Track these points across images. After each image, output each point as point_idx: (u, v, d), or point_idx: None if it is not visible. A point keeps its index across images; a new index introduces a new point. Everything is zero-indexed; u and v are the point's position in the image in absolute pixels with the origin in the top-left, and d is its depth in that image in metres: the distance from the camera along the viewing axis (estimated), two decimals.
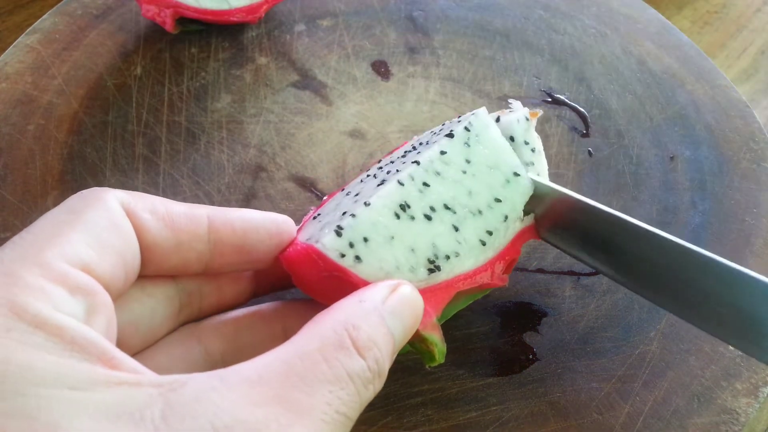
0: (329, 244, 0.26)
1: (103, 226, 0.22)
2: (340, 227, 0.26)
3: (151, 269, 0.25)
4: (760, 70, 0.60)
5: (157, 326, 0.26)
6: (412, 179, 0.28)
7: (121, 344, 0.23)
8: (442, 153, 0.29)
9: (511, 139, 0.32)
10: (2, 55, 0.46)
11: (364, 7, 0.51)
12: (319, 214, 0.30)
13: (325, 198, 0.33)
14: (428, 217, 0.28)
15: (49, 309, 0.19)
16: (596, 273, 0.37)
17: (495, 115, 0.33)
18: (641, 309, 0.35)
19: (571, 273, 0.37)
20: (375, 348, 0.22)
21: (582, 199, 0.30)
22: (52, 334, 0.18)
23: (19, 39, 0.47)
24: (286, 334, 0.28)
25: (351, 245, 0.26)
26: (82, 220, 0.22)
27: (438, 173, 0.29)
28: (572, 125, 0.44)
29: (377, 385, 0.22)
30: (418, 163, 0.29)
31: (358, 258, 0.26)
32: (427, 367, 0.28)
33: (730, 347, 0.34)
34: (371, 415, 0.31)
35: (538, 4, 0.52)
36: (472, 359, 0.33)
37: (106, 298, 0.21)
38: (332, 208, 0.30)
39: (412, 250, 0.27)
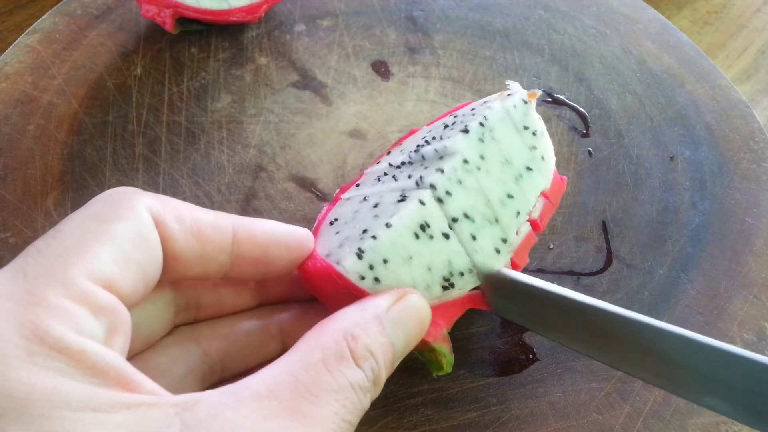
0: (350, 267, 0.26)
1: (131, 239, 0.22)
2: (361, 250, 0.26)
3: (172, 276, 0.25)
4: (760, 70, 0.60)
5: (157, 330, 0.26)
6: (433, 195, 0.28)
7: None
8: (465, 162, 0.29)
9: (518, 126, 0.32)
10: (2, 55, 0.46)
11: (364, 7, 0.51)
12: (336, 219, 0.30)
13: (337, 192, 0.33)
14: (446, 236, 0.28)
15: (71, 333, 0.19)
16: (597, 273, 0.37)
17: (494, 97, 0.32)
18: (641, 309, 0.35)
19: (572, 273, 0.37)
20: (371, 358, 0.22)
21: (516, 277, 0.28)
22: (74, 359, 0.18)
23: (19, 39, 0.47)
24: (282, 335, 0.28)
25: (371, 267, 0.26)
26: (110, 232, 0.21)
27: (460, 181, 0.29)
28: (572, 125, 0.44)
29: (374, 394, 0.23)
30: (442, 171, 0.28)
31: (377, 279, 0.26)
32: (434, 375, 0.28)
33: None
34: (371, 416, 0.31)
35: (538, 4, 0.52)
36: (472, 359, 0.33)
37: (126, 317, 0.21)
38: (350, 216, 0.30)
39: (429, 269, 0.27)
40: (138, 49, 0.47)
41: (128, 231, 0.22)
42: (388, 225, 0.27)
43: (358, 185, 0.33)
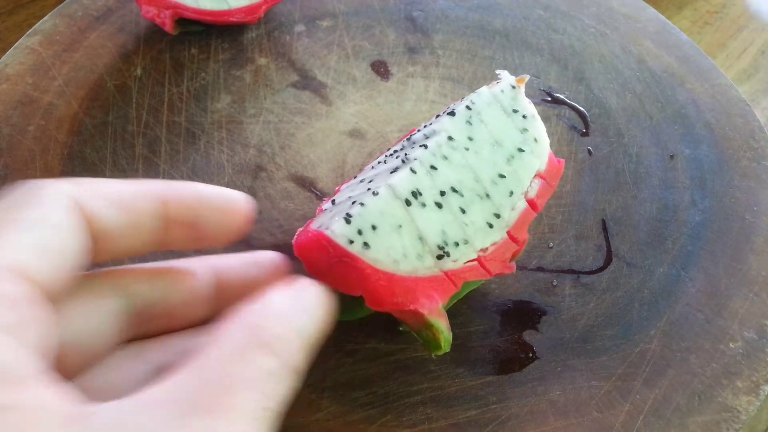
0: (338, 231, 0.27)
1: (43, 224, 0.21)
2: (349, 215, 0.27)
3: (105, 255, 0.23)
4: (760, 70, 0.60)
5: (102, 344, 0.25)
6: (421, 165, 0.29)
7: (62, 363, 0.22)
8: (450, 138, 0.30)
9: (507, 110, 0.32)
10: (3, 57, 0.46)
11: (364, 7, 0.51)
12: (334, 201, 0.31)
13: (338, 187, 0.34)
14: (438, 205, 0.28)
15: None
16: (597, 271, 0.37)
17: (483, 87, 0.33)
18: (641, 307, 0.35)
19: (571, 271, 0.37)
20: (281, 344, 0.22)
21: None
22: None
23: (20, 41, 0.47)
24: None
25: (359, 232, 0.27)
26: (19, 219, 0.20)
27: (445, 157, 0.29)
28: (572, 124, 0.44)
29: (293, 381, 0.22)
30: (426, 147, 0.29)
31: (366, 244, 0.27)
32: (432, 356, 0.28)
33: (731, 345, 0.34)
34: (370, 414, 0.31)
35: (538, 4, 0.52)
36: (471, 357, 0.33)
37: (40, 307, 0.20)
38: (345, 197, 0.31)
39: (420, 238, 0.28)
40: (138, 50, 0.47)
41: (39, 216, 0.21)
42: (375, 193, 0.27)
43: (355, 177, 0.34)
